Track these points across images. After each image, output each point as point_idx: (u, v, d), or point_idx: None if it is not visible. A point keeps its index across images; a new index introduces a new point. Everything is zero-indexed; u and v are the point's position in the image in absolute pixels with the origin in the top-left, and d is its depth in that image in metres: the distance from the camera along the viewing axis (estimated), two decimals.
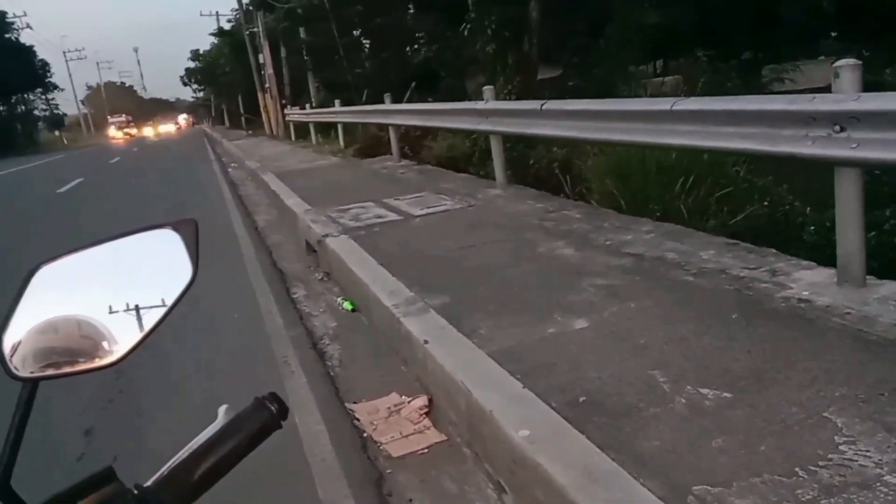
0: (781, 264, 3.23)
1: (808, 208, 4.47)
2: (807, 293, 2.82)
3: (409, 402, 2.73)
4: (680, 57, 16.83)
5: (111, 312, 0.56)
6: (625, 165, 5.15)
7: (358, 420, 2.66)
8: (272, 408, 0.66)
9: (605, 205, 5.11)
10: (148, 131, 70.34)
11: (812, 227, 4.04)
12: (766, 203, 4.54)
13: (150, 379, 3.24)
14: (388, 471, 2.31)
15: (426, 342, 2.81)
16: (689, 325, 2.64)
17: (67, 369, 0.55)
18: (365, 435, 2.55)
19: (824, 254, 3.33)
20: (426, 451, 2.39)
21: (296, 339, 3.67)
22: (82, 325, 0.55)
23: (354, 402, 2.83)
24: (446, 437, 2.45)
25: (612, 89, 10.39)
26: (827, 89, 2.87)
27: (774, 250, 3.47)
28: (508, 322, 2.93)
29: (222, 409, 0.72)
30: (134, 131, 72.33)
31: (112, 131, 65.46)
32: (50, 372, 0.54)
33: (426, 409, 2.64)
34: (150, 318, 0.57)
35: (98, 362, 0.55)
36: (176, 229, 0.61)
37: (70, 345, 0.55)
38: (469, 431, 2.35)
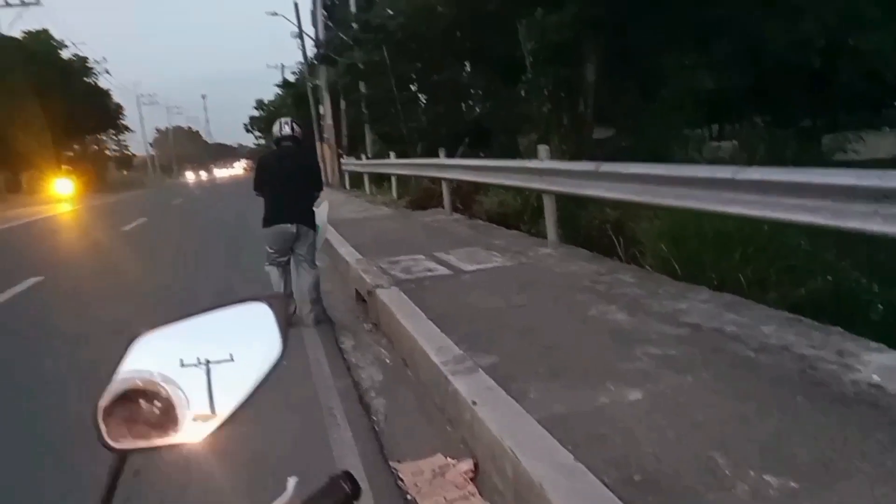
0: (849, 344, 3.09)
1: (875, 285, 4.28)
2: (877, 378, 2.67)
3: (454, 464, 2.67)
4: (736, 121, 16.66)
5: (201, 385, 0.57)
6: (680, 230, 5.07)
7: (402, 480, 2.61)
8: (346, 487, 0.65)
9: (659, 269, 5.02)
10: None
11: (880, 306, 3.86)
12: (829, 277, 4.38)
13: None
14: None
15: (474, 403, 2.76)
16: (750, 405, 2.53)
17: (157, 442, 0.55)
18: (409, 497, 2.49)
19: (894, 335, 3.17)
20: None
21: (342, 390, 3.67)
22: (173, 397, 0.56)
23: (398, 461, 2.78)
24: None
25: (666, 152, 10.34)
26: (892, 162, 2.79)
27: (840, 328, 3.32)
28: (559, 387, 2.86)
29: (292, 482, 0.71)
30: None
31: None
32: (140, 444, 0.55)
33: (472, 474, 2.58)
34: (239, 393, 0.58)
35: (186, 436, 0.56)
36: (268, 303, 0.63)
37: (160, 416, 0.55)
38: (516, 501, 2.27)
